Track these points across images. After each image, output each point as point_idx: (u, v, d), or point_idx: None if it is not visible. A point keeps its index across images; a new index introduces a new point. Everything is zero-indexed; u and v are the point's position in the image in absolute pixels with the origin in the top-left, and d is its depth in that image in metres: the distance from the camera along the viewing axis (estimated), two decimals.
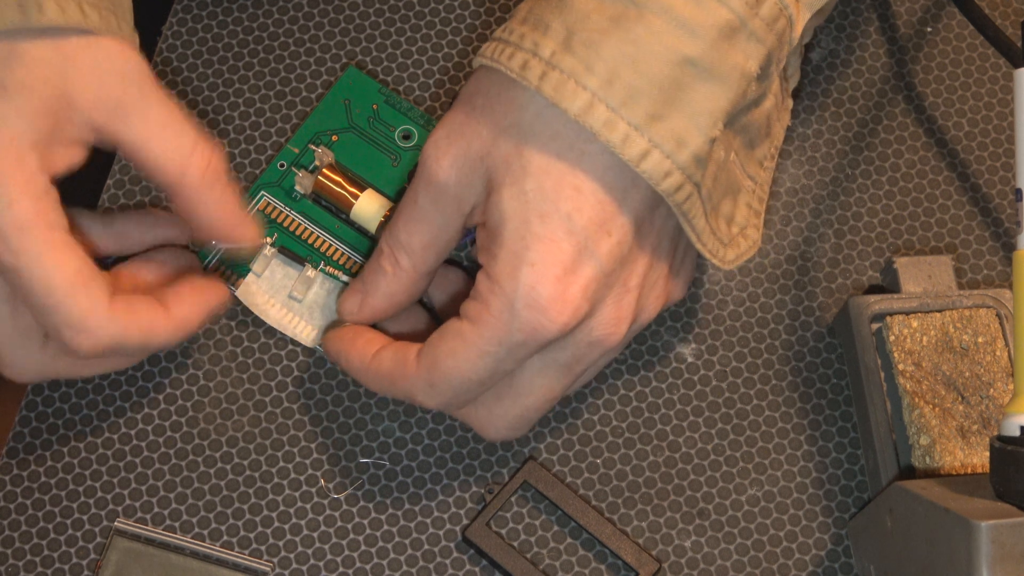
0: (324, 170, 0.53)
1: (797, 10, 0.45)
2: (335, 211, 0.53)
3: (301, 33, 0.56)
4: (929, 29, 0.58)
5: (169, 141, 0.44)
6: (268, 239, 0.52)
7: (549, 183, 0.43)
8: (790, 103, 0.51)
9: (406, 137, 0.54)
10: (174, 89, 0.56)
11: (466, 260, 0.53)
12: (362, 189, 0.52)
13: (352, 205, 0.52)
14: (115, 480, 0.50)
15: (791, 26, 0.45)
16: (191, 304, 0.47)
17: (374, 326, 0.50)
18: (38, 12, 0.41)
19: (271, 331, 0.52)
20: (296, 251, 0.52)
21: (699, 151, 0.43)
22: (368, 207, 0.52)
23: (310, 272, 0.52)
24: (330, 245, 0.53)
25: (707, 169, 0.44)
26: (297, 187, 0.53)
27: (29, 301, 0.42)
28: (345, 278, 0.52)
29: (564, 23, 0.43)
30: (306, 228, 0.53)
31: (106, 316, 0.42)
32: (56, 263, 0.41)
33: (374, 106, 0.54)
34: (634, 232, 0.44)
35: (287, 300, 0.52)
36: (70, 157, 0.43)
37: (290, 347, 0.52)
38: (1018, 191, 0.45)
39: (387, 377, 0.46)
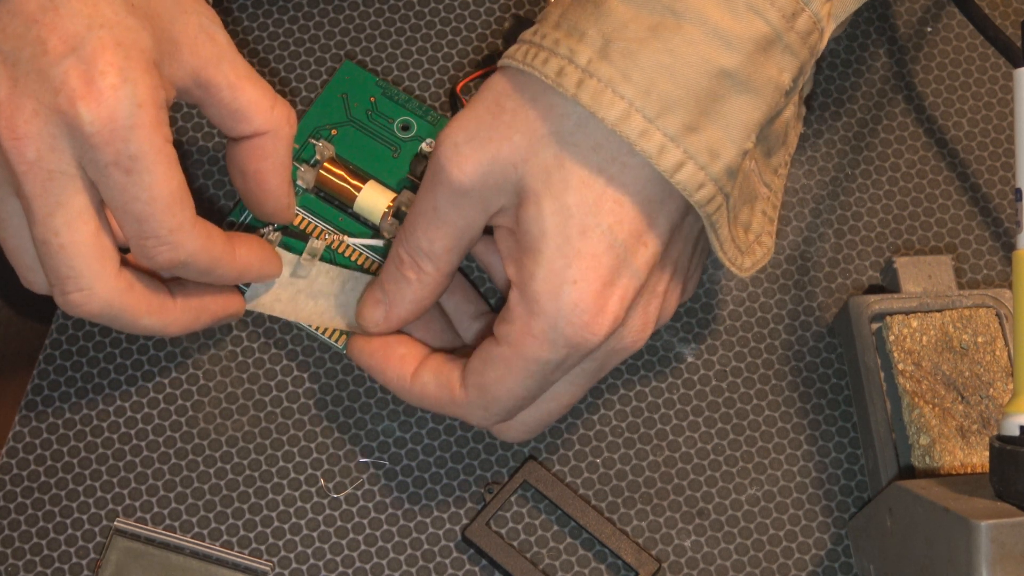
0: (326, 164, 0.53)
1: (827, 22, 0.45)
2: (338, 204, 0.53)
3: (301, 33, 0.56)
4: (929, 29, 0.58)
5: (257, 89, 0.46)
6: (270, 229, 0.52)
7: (591, 196, 0.42)
8: (803, 111, 0.50)
9: (405, 128, 0.54)
10: None
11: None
12: (364, 181, 0.52)
13: (355, 197, 0.52)
14: (115, 480, 0.50)
15: (821, 38, 0.44)
16: (256, 256, 0.48)
17: None
18: None
19: (271, 331, 0.52)
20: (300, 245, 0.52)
21: (732, 163, 0.43)
22: (371, 199, 0.52)
23: (317, 244, 0.52)
24: (335, 238, 0.53)
25: (736, 180, 0.44)
26: (299, 182, 0.53)
27: (128, 206, 0.42)
28: (351, 246, 0.52)
29: (600, 31, 0.42)
30: (310, 223, 0.53)
31: (190, 234, 0.43)
32: (166, 174, 0.42)
33: (372, 99, 0.54)
34: (667, 241, 0.44)
35: (295, 293, 0.51)
36: (169, 92, 0.44)
37: (290, 347, 0.52)
38: (1018, 191, 0.45)
39: (432, 400, 0.47)
